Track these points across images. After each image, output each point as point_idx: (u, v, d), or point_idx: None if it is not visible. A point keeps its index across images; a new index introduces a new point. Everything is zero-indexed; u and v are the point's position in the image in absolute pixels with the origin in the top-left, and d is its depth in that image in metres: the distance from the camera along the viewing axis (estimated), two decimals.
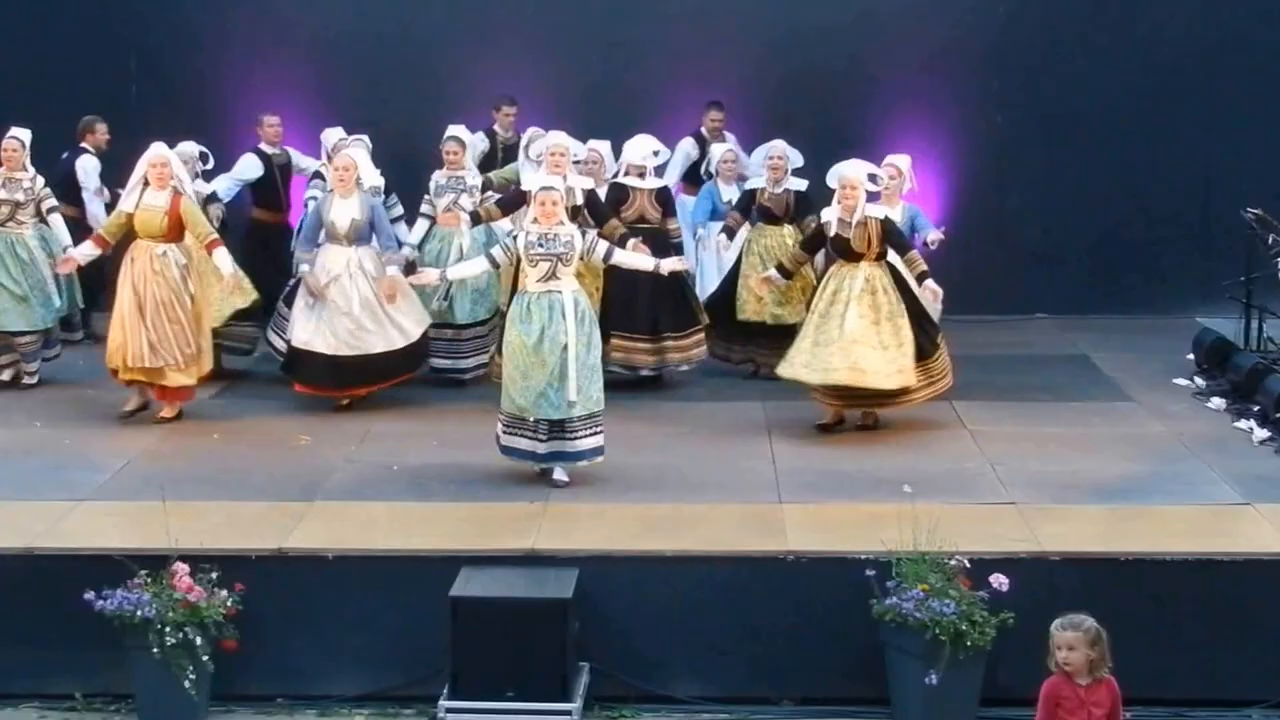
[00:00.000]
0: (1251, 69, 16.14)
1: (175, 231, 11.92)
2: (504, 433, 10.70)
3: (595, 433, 10.66)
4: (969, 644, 8.95)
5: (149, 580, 9.16)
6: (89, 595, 9.13)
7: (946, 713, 9.09)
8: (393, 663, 9.54)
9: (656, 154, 13.47)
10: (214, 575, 9.25)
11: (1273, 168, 15.48)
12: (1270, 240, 13.21)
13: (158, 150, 12.04)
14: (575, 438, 10.61)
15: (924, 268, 11.69)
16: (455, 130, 13.48)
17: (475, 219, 12.87)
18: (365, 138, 13.57)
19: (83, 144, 14.63)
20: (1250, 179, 15.20)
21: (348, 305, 12.16)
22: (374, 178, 12.84)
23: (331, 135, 13.85)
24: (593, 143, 13.51)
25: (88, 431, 11.89)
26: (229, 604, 9.22)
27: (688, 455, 11.52)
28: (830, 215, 11.67)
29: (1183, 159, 16.11)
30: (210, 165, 13.87)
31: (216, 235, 12.08)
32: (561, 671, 9.10)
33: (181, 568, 9.20)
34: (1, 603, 9.54)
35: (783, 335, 12.89)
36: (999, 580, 9.05)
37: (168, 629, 9.03)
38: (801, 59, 16.07)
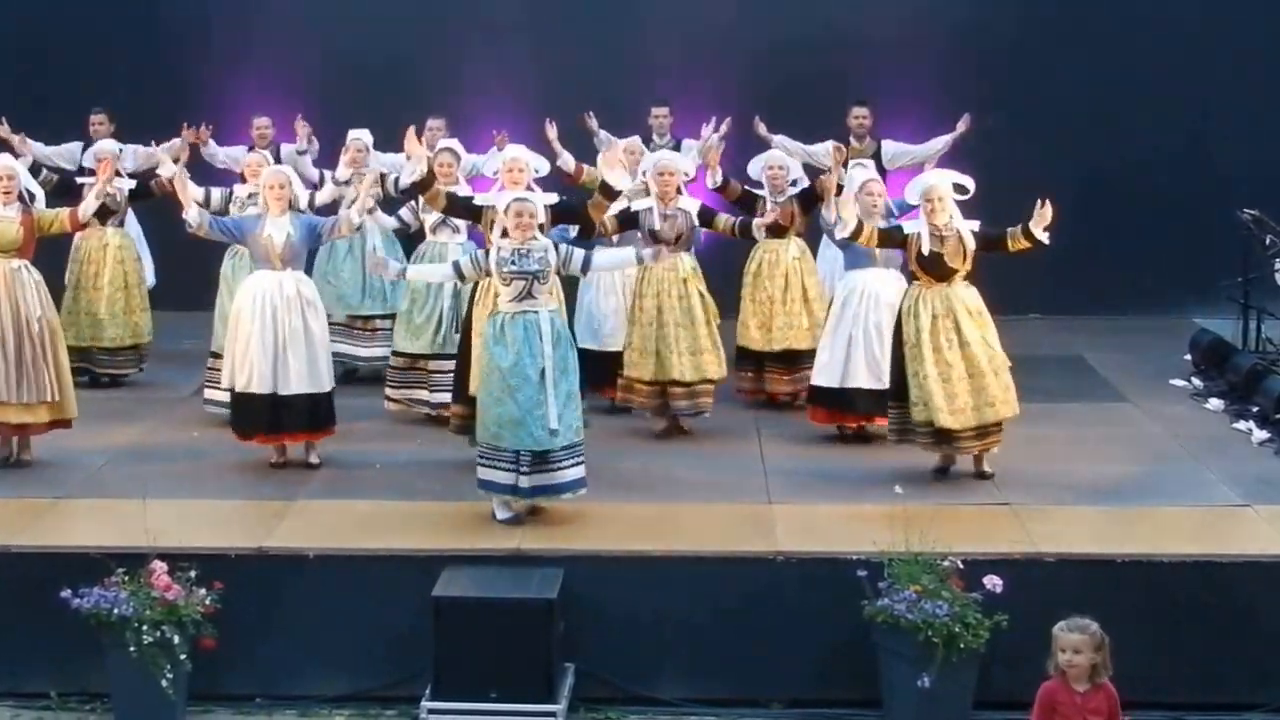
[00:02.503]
0: (1250, 69, 16.06)
1: (29, 245, 11.05)
2: (481, 464, 9.99)
3: (577, 463, 9.97)
4: (962, 646, 8.87)
5: (126, 578, 9.08)
6: (65, 593, 9.06)
7: (939, 716, 9.00)
8: (374, 663, 9.46)
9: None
10: (192, 573, 9.16)
11: (1270, 167, 15.36)
12: (1268, 240, 13.16)
13: (2, 163, 11.32)
14: (557, 469, 9.92)
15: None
16: (448, 142, 12.82)
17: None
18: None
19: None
20: (1247, 179, 15.09)
21: (274, 336, 10.88)
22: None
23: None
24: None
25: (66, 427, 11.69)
26: (207, 602, 9.14)
27: (676, 454, 11.41)
28: (915, 229, 10.74)
29: (1179, 159, 16.01)
30: (130, 165, 13.51)
31: (69, 209, 11.26)
32: (546, 672, 9.02)
33: (160, 566, 9.10)
34: None
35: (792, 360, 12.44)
36: (993, 582, 8.97)
37: (145, 627, 8.94)
38: (792, 60, 15.96)
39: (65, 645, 9.25)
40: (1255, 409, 12.16)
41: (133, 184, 13.15)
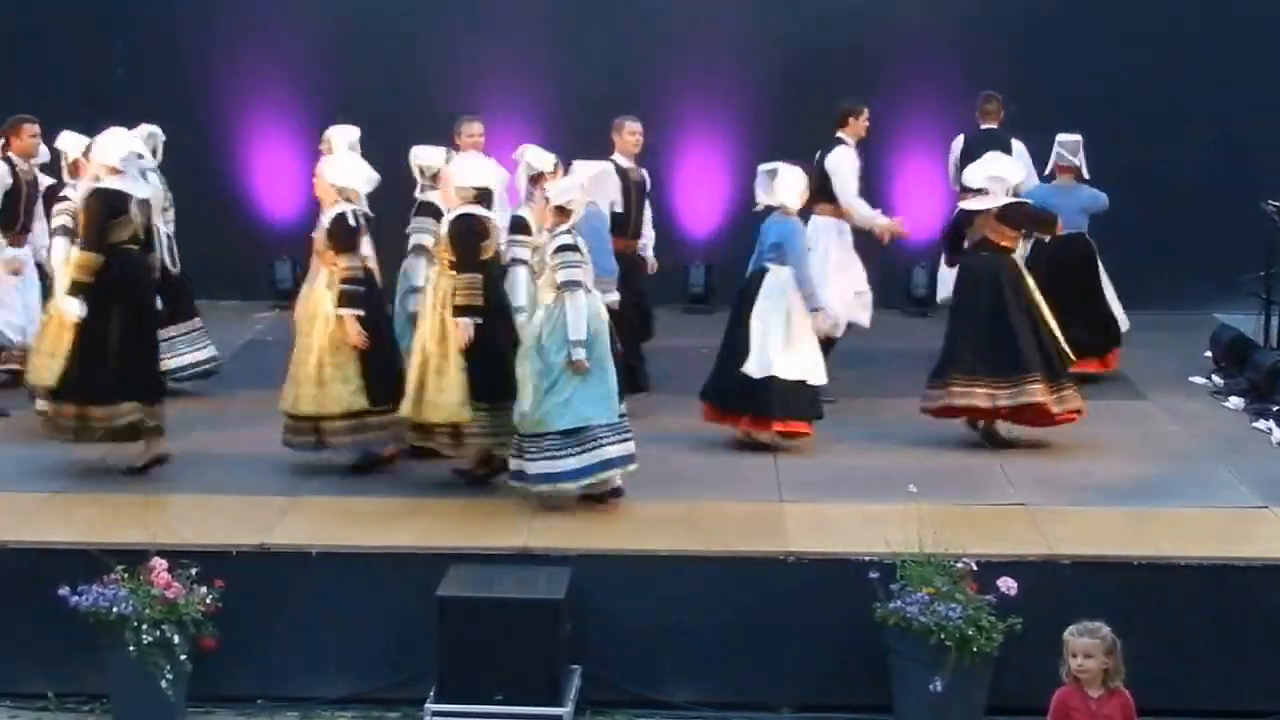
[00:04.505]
0: (1270, 57, 15.94)
1: None
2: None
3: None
4: (975, 650, 8.81)
5: (126, 576, 9.02)
6: (63, 591, 8.99)
7: None
8: (377, 664, 9.39)
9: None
10: (193, 571, 9.10)
11: None
12: None
13: None
14: None
15: None
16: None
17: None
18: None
19: None
20: (1270, 170, 14.96)
21: None
22: None
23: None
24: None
25: None
26: (208, 601, 9.07)
27: (685, 452, 11.30)
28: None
29: (1200, 149, 15.90)
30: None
31: None
32: (552, 674, 8.96)
33: (160, 563, 9.04)
34: None
35: None
36: (1007, 584, 8.90)
37: (144, 626, 8.89)
38: (808, 47, 15.91)
39: (63, 644, 9.18)
40: (1275, 408, 12.07)
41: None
